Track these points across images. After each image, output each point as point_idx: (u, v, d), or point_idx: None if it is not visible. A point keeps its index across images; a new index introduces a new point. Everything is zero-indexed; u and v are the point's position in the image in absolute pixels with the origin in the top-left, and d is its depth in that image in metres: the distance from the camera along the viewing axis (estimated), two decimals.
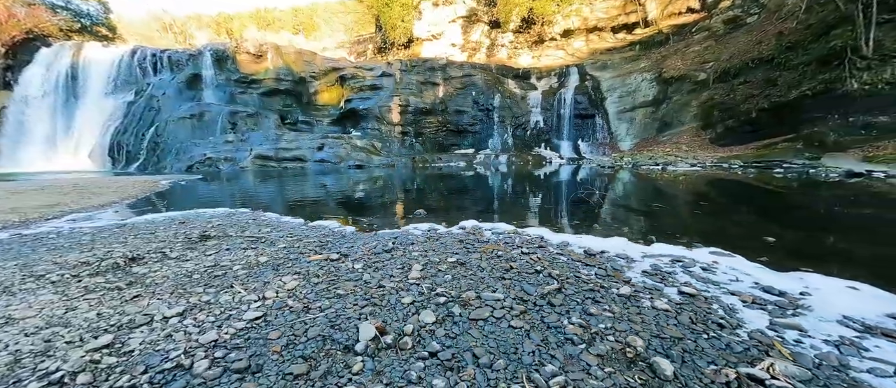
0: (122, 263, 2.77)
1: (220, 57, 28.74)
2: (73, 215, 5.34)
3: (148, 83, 26.56)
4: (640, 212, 5.20)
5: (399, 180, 12.51)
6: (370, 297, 2.05)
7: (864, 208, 5.23)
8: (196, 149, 22.72)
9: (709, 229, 3.94)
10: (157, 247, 3.25)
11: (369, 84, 31.40)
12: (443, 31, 36.50)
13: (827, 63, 14.62)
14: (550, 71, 32.15)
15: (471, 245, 3.15)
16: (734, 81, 19.07)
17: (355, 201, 7.36)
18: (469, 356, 1.44)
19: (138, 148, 23.44)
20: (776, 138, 15.68)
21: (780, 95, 16.15)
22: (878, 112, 12.62)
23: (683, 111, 21.65)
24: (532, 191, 8.55)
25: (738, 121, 17.88)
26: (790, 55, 16.63)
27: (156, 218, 4.99)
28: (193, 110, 24.75)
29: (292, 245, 3.26)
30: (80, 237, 3.79)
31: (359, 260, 2.78)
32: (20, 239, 3.77)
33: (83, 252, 3.12)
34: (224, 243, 3.40)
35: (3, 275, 2.53)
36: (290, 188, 10.10)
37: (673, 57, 24.70)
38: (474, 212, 5.55)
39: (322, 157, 23.49)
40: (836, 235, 3.81)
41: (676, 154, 18.65)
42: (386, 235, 3.71)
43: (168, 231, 3.99)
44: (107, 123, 25.55)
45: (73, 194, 7.41)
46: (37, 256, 3.06)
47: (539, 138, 29.02)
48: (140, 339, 1.62)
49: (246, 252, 3.04)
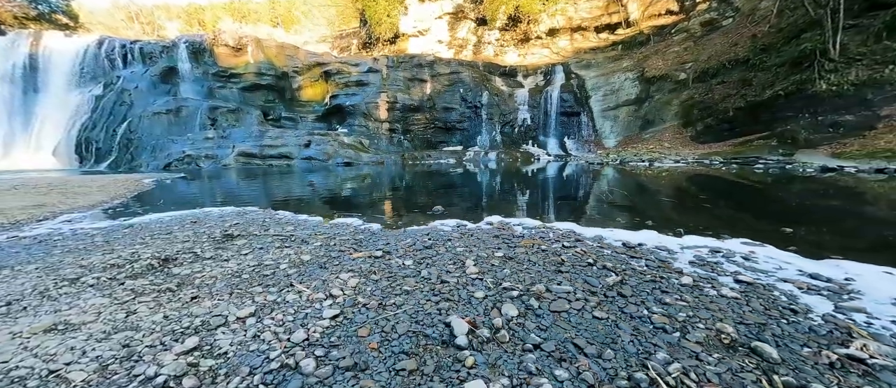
0: (156, 264, 2.65)
1: (197, 49, 27.45)
2: (65, 216, 5.01)
3: (118, 76, 25.03)
4: (652, 205, 5.40)
5: (393, 178, 12.41)
6: (439, 292, 2.05)
7: (856, 201, 5.65)
8: (174, 146, 21.64)
9: (723, 220, 4.15)
10: (185, 247, 3.11)
11: (355, 80, 30.84)
12: (429, 27, 36.27)
13: (798, 65, 15.54)
14: (536, 69, 32.59)
15: (509, 240, 3.20)
16: (712, 81, 19.98)
17: (360, 198, 7.26)
18: (572, 347, 1.48)
19: (109, 145, 22.09)
20: (752, 136, 16.56)
21: (754, 95, 17.04)
22: (845, 111, 13.55)
23: (665, 110, 22.49)
24: (533, 187, 8.69)
25: (716, 119, 18.75)
26: (764, 57, 17.57)
27: (162, 218, 4.76)
28: (170, 105, 23.55)
29: (327, 243, 3.20)
30: (89, 239, 3.57)
31: (405, 257, 2.77)
32: (20, 242, 3.51)
33: (105, 254, 2.94)
34: (254, 242, 3.29)
35: (31, 279, 2.36)
36: (285, 186, 9.84)
37: (654, 57, 25.58)
38: (489, 207, 5.60)
39: (309, 154, 22.93)
40: (845, 224, 4.10)
41: (660, 151, 19.39)
42: (416, 231, 3.70)
43: (185, 231, 3.82)
44: (72, 119, 23.96)
45: (55, 194, 6.93)
46: (54, 258, 2.86)
47: (526, 136, 29.43)
48: (227, 340, 1.57)
49: (283, 251, 2.96)
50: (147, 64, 26.08)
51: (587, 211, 5.04)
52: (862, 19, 14.41)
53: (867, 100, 13.20)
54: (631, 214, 4.58)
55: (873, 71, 13.28)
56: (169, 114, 23.24)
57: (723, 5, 23.97)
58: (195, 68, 27.07)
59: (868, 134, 12.58)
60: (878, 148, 11.31)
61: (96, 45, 26.68)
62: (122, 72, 25.42)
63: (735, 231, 3.45)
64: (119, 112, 23.12)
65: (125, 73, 25.15)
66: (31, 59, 25.98)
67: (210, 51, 28.05)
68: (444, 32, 36.19)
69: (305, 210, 5.49)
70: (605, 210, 5.05)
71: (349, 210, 5.67)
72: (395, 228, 4.06)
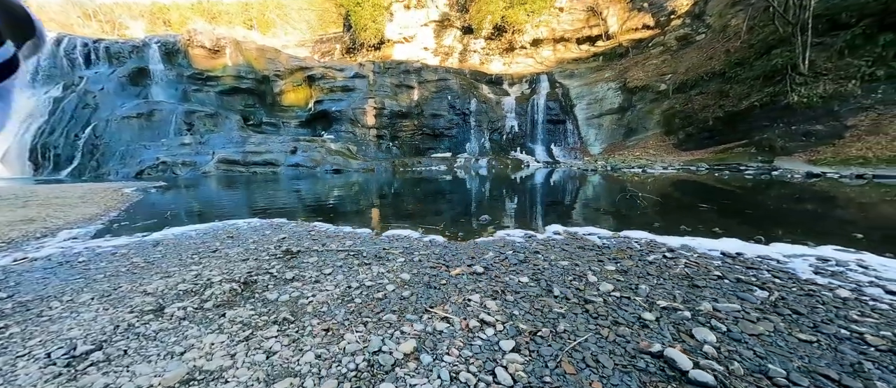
0: (238, 288, 2.29)
1: (170, 50, 25.91)
2: (66, 232, 4.38)
3: (80, 77, 23.06)
4: (689, 211, 5.48)
5: (393, 185, 12.07)
6: (596, 314, 1.88)
7: (875, 206, 6.00)
8: (146, 152, 20.09)
9: (783, 226, 4.24)
10: (252, 267, 2.74)
11: (341, 85, 30.21)
12: (415, 34, 36.23)
13: (770, 78, 16.72)
14: (522, 78, 33.27)
15: (600, 251, 3.07)
16: (691, 92, 21.13)
17: (379, 207, 6.94)
18: (823, 380, 1.35)
19: (71, 151, 20.17)
20: (731, 144, 17.57)
21: (732, 106, 18.14)
22: (815, 122, 14.66)
23: (647, 118, 23.51)
24: (549, 193, 8.70)
25: (697, 128, 19.79)
26: (738, 70, 18.81)
27: (188, 233, 4.26)
28: (141, 108, 21.91)
29: (412, 259, 2.93)
30: (124, 260, 3.09)
31: (509, 272, 2.57)
32: (36, 266, 2.99)
33: (163, 278, 2.53)
34: (327, 258, 2.97)
35: (99, 313, 1.96)
36: (286, 195, 9.29)
37: (634, 68, 26.79)
38: (533, 215, 5.48)
39: (296, 161, 22.02)
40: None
41: (647, 158, 20.18)
42: (488, 243, 3.50)
43: (231, 247, 3.40)
44: (26, 122, 21.73)
45: (35, 207, 6.11)
46: (103, 285, 2.42)
47: (514, 142, 29.85)
48: (423, 384, 1.31)
49: (373, 269, 2.66)
50: (114, 65, 24.23)
51: (634, 217, 5.02)
52: (825, 38, 15.75)
53: (834, 111, 14.35)
54: (680, 220, 4.60)
55: (838, 85, 14.49)
56: (140, 118, 21.60)
57: (696, 22, 25.55)
58: (168, 70, 25.49)
59: (838, 142, 13.64)
60: (851, 155, 12.27)
61: (54, 43, 24.50)
62: (84, 72, 23.44)
63: (808, 237, 3.52)
64: (82, 116, 21.23)
65: (89, 73, 23.21)
66: None
67: (185, 52, 26.55)
68: (430, 40, 36.28)
69: (338, 221, 5.13)
70: (649, 216, 5.06)
71: (385, 220, 5.36)
72: (458, 239, 3.84)
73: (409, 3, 34.89)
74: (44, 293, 2.31)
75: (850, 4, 15.34)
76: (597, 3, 31.49)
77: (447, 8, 35.16)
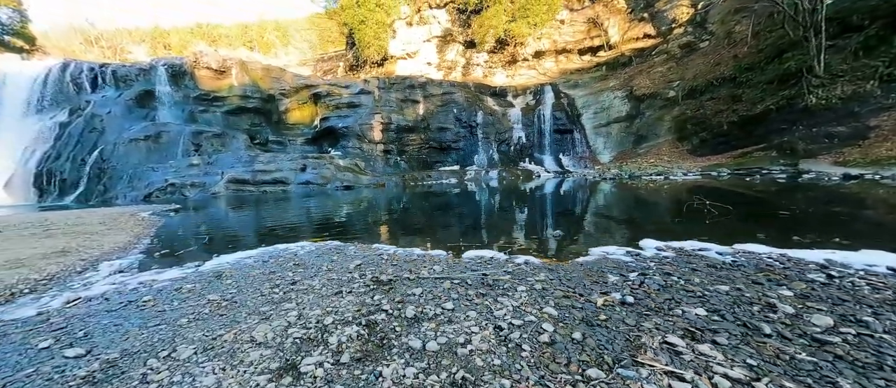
0: (363, 332, 1.92)
1: (177, 72, 25.91)
2: (107, 264, 3.99)
3: (87, 101, 22.86)
4: (777, 218, 5.12)
5: (411, 200, 11.73)
6: (862, 363, 1.51)
7: None
8: (155, 175, 19.71)
9: (846, 231, 3.91)
10: (355, 302, 2.36)
11: (347, 102, 30.20)
12: (418, 49, 36.58)
13: (785, 81, 16.70)
14: (526, 89, 33.42)
15: (740, 270, 2.72)
16: (702, 98, 21.13)
17: (421, 223, 6.58)
18: None
19: (77, 175, 19.76)
20: (749, 148, 17.41)
21: (746, 110, 18.07)
22: (836, 123, 14.54)
23: (658, 125, 23.46)
24: (587, 204, 8.38)
25: (711, 133, 19.68)
26: (750, 75, 18.83)
27: (244, 261, 3.87)
28: (148, 131, 21.65)
29: (533, 287, 2.56)
30: (195, 297, 2.70)
31: (668, 302, 2.21)
32: (96, 307, 2.60)
33: (258, 319, 2.15)
34: (425, 287, 2.59)
35: (212, 371, 1.58)
36: (309, 214, 8.92)
37: (639, 77, 26.94)
38: (609, 228, 5.13)
39: (306, 179, 21.68)
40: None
41: (662, 164, 20.00)
42: (593, 263, 3.15)
43: (310, 278, 3.02)
44: (31, 148, 21.39)
45: (62, 237, 5.71)
46: (197, 332, 2.04)
47: (522, 153, 29.71)
48: None
49: (500, 301, 2.30)
50: (121, 88, 24.10)
51: (718, 227, 4.68)
52: (838, 40, 15.80)
53: (855, 112, 14.25)
54: (774, 229, 4.27)
55: (856, 86, 14.43)
56: (147, 140, 21.32)
57: (698, 30, 25.86)
58: (175, 92, 25.40)
59: (863, 143, 13.47)
60: (881, 156, 12.07)
61: (60, 69, 24.44)
62: (91, 96, 23.27)
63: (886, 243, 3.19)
64: (89, 139, 20.93)
65: (95, 97, 23.03)
66: None
67: (191, 74, 26.56)
68: (433, 55, 36.59)
69: (391, 241, 4.76)
70: (732, 225, 4.72)
71: (445, 239, 4.99)
72: (553, 259, 3.48)
73: (412, 19, 35.35)
74: (129, 347, 1.93)
75: (859, 7, 15.47)
76: (597, 14, 31.98)
77: (449, 24, 35.62)
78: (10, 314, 2.59)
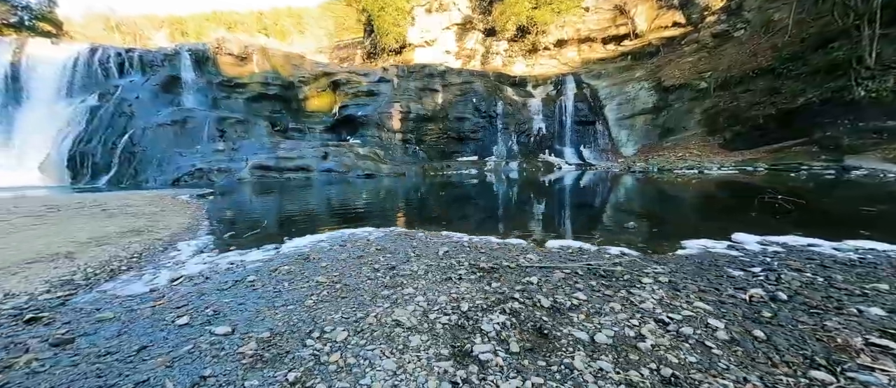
0: (514, 321, 1.83)
1: (200, 58, 26.13)
2: (184, 244, 4.00)
3: (115, 86, 23.25)
4: (863, 216, 4.86)
5: (440, 189, 11.63)
6: None
7: None
8: (182, 159, 20.05)
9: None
10: (472, 289, 2.28)
11: (366, 90, 30.08)
12: (436, 37, 36.05)
13: (831, 73, 15.91)
14: (546, 79, 32.73)
15: (865, 266, 2.54)
16: (736, 90, 20.33)
17: (465, 211, 6.48)
18: None
19: (108, 159, 20.24)
20: (787, 142, 16.75)
21: (786, 103, 17.33)
22: (886, 118, 13.82)
23: (687, 118, 22.75)
24: (636, 197, 8.16)
25: (745, 127, 18.98)
26: (790, 66, 17.99)
27: (320, 245, 3.84)
28: (175, 116, 21.98)
29: (658, 279, 2.44)
30: (303, 279, 2.65)
31: (829, 300, 2.06)
32: (200, 285, 2.57)
33: (388, 303, 2.08)
34: (530, 275, 2.49)
35: (382, 355, 1.50)
36: (346, 200, 8.92)
37: (668, 67, 26.06)
38: (680, 225, 4.95)
39: (328, 166, 21.79)
40: None
41: (692, 159, 19.43)
42: (700, 258, 2.99)
43: (405, 263, 2.95)
44: (64, 131, 21.93)
45: (122, 217, 5.80)
46: (333, 313, 1.98)
47: (542, 145, 29.25)
48: None
49: (643, 295, 2.18)
50: (147, 73, 24.43)
51: (803, 223, 4.45)
52: (890, 30, 14.90)
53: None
54: (859, 226, 4.03)
55: None
56: (174, 125, 21.65)
57: (733, 18, 24.76)
58: (199, 78, 25.65)
59: None
60: None
61: (89, 53, 24.84)
62: (119, 81, 23.65)
63: None
64: (118, 124, 21.35)
65: (123, 82, 23.41)
66: (13, 69, 23.96)
67: (213, 60, 26.78)
68: (452, 43, 36.02)
69: (452, 229, 4.66)
70: (816, 221, 4.49)
71: (504, 227, 4.89)
72: (654, 252, 3.33)
73: (431, 6, 34.76)
74: (273, 327, 1.88)
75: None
76: (624, 1, 30.90)
77: (469, 10, 34.92)
78: (123, 290, 2.59)
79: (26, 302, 2.34)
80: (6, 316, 2.13)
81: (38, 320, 2.09)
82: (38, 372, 1.57)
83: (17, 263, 2.97)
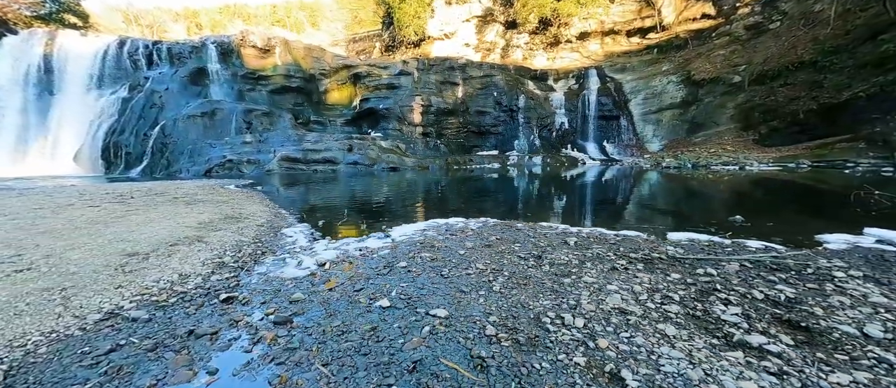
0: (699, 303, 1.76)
1: (225, 51, 26.31)
2: (288, 231, 4.02)
3: (145, 77, 23.59)
4: None
5: (474, 183, 11.53)
6: None
7: None
8: (213, 150, 20.32)
9: None
10: (668, 278, 2.22)
11: (386, 83, 29.97)
12: (456, 30, 35.71)
13: (880, 66, 15.31)
14: (568, 73, 32.25)
15: None
16: (773, 84, 19.74)
17: (522, 205, 6.41)
18: None
19: (140, 149, 20.60)
20: (830, 139, 16.24)
21: (829, 97, 16.76)
22: None
23: (718, 113, 22.22)
24: (698, 193, 7.98)
25: (783, 122, 18.46)
26: (834, 59, 17.37)
27: (425, 231, 3.81)
28: (204, 108, 22.22)
29: (853, 275, 2.34)
30: (445, 265, 2.62)
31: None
32: (358, 269, 2.55)
33: (584, 290, 2.02)
34: (702, 266, 2.42)
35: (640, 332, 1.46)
36: (386, 191, 8.91)
37: (697, 60, 25.42)
38: (780, 222, 4.81)
39: (354, 159, 21.86)
40: None
41: (726, 155, 19.00)
42: (850, 253, 2.88)
43: (527, 251, 2.89)
44: (97, 122, 22.38)
45: (203, 204, 5.86)
46: (542, 299, 1.93)
47: (564, 139, 28.92)
48: None
49: (842, 285, 2.09)
50: (175, 65, 24.72)
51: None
52: None
53: None
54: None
55: None
56: (204, 117, 21.89)
57: (768, 9, 23.97)
58: (224, 70, 25.86)
59: None
60: None
61: (117, 45, 25.21)
62: (148, 73, 23.99)
63: None
64: (150, 115, 21.69)
65: (153, 74, 23.73)
66: (46, 60, 24.45)
67: (237, 52, 26.92)
68: (472, 36, 35.64)
69: (538, 220, 4.59)
70: None
71: (597, 222, 4.80)
72: (794, 246, 3.22)
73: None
74: (491, 311, 1.84)
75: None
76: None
77: (490, 2, 34.44)
78: (280, 273, 2.59)
79: (203, 283, 2.35)
80: (200, 295, 2.14)
81: (234, 300, 2.10)
82: (294, 348, 1.56)
83: (160, 245, 3.00)
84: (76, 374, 1.36)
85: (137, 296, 2.05)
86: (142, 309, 1.91)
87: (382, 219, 4.98)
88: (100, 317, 1.78)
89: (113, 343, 1.56)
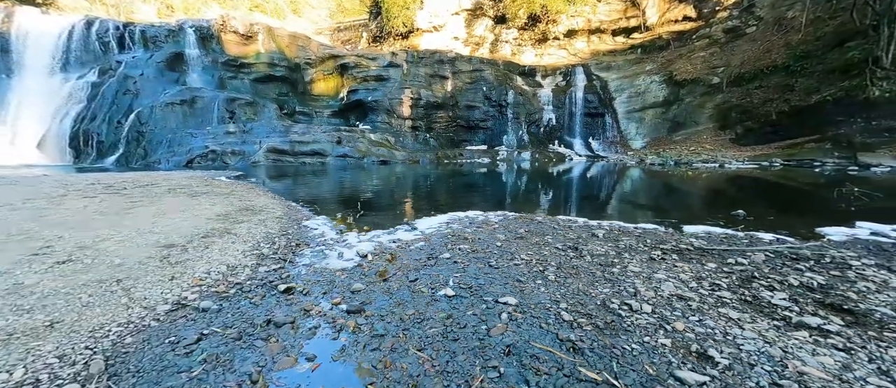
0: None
1: (205, 35, 25.05)
2: (308, 222, 3.97)
3: (117, 62, 22.16)
4: None
5: (469, 176, 11.66)
6: None
7: None
8: (194, 141, 19.44)
9: None
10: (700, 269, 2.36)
11: (375, 74, 29.48)
12: (445, 23, 35.42)
13: (846, 72, 16.39)
14: (555, 70, 32.71)
15: None
16: (749, 86, 20.78)
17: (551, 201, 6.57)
18: None
19: (115, 138, 19.44)
20: (800, 139, 17.30)
21: (799, 100, 17.83)
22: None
23: (698, 112, 23.19)
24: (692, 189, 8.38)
25: (758, 123, 19.49)
26: (805, 63, 18.45)
27: (450, 224, 3.86)
28: (183, 96, 21.17)
29: (868, 263, 2.57)
30: (488, 256, 2.68)
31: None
32: (403, 261, 2.58)
33: (636, 278, 2.14)
34: (729, 256, 2.60)
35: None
36: (385, 185, 8.89)
37: (679, 61, 26.37)
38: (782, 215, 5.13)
39: (344, 152, 21.49)
40: None
41: (705, 153, 19.91)
42: (851, 245, 3.15)
43: (561, 243, 3.01)
44: (64, 108, 20.92)
45: (205, 197, 5.65)
46: (598, 288, 2.03)
47: (552, 136, 29.43)
48: None
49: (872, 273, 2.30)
50: (150, 49, 23.34)
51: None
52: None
53: None
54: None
55: None
56: (183, 105, 20.86)
57: (745, 14, 25.09)
58: (204, 56, 24.64)
59: None
60: None
61: (85, 25, 23.55)
62: (120, 57, 22.54)
63: None
64: (123, 102, 20.46)
65: (126, 58, 22.33)
66: (2, 40, 22.60)
67: (218, 37, 25.69)
68: (461, 29, 35.47)
69: (552, 213, 4.74)
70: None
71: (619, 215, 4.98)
72: (802, 238, 3.48)
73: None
74: (558, 299, 1.93)
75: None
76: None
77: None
78: (327, 264, 2.58)
79: (253, 274, 2.32)
80: (256, 286, 2.12)
81: (294, 290, 2.09)
82: (381, 335, 1.59)
83: (193, 237, 2.91)
84: (175, 362, 1.34)
85: (195, 287, 2.00)
86: (206, 299, 1.87)
87: (396, 211, 4.99)
88: (169, 308, 1.74)
89: (197, 333, 1.53)
